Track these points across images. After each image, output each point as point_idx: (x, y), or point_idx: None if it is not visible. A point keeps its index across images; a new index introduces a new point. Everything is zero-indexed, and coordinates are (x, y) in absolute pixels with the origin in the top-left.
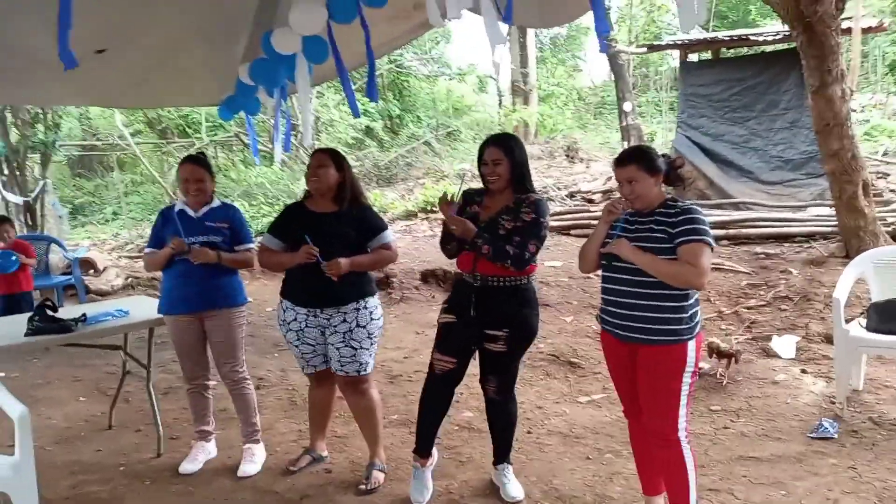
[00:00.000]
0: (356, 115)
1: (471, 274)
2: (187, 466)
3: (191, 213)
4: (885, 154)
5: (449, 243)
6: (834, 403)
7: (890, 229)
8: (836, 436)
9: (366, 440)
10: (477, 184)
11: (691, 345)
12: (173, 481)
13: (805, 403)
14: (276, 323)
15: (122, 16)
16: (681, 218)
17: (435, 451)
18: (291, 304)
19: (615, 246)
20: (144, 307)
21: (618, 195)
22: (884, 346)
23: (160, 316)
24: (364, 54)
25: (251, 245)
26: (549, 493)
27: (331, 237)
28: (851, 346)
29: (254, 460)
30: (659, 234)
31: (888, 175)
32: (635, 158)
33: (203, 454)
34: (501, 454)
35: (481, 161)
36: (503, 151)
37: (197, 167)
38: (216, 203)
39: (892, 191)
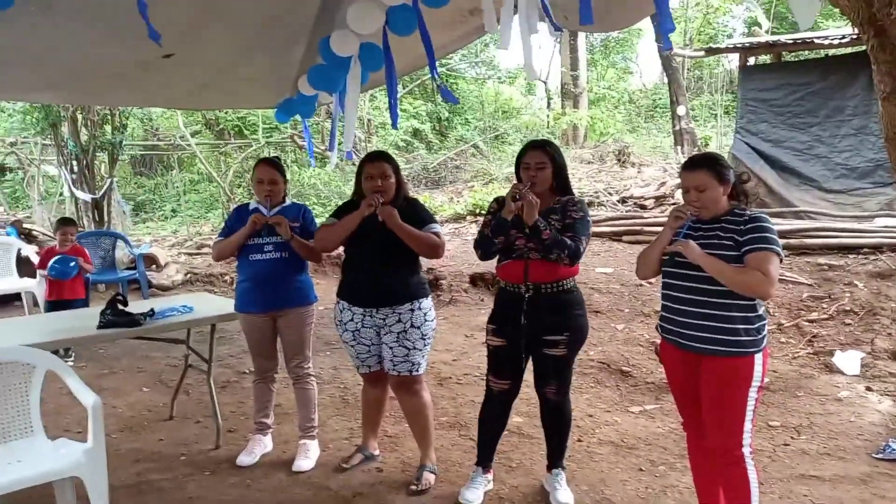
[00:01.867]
0: (394, 125)
1: (523, 284)
2: (245, 459)
3: (264, 210)
4: None
5: (489, 242)
6: None
7: None
8: None
9: (417, 441)
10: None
11: (758, 358)
12: (231, 473)
13: (870, 422)
14: (330, 322)
15: (188, 23)
16: (749, 226)
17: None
18: (348, 305)
19: (682, 245)
20: (206, 303)
21: (678, 201)
22: None
23: (223, 312)
24: (415, 60)
25: None
26: (600, 503)
27: (385, 227)
28: None
29: (308, 456)
30: (726, 242)
31: None
32: (707, 164)
33: (260, 447)
34: (556, 458)
35: (522, 165)
36: (546, 155)
37: (271, 168)
38: (287, 202)
39: None
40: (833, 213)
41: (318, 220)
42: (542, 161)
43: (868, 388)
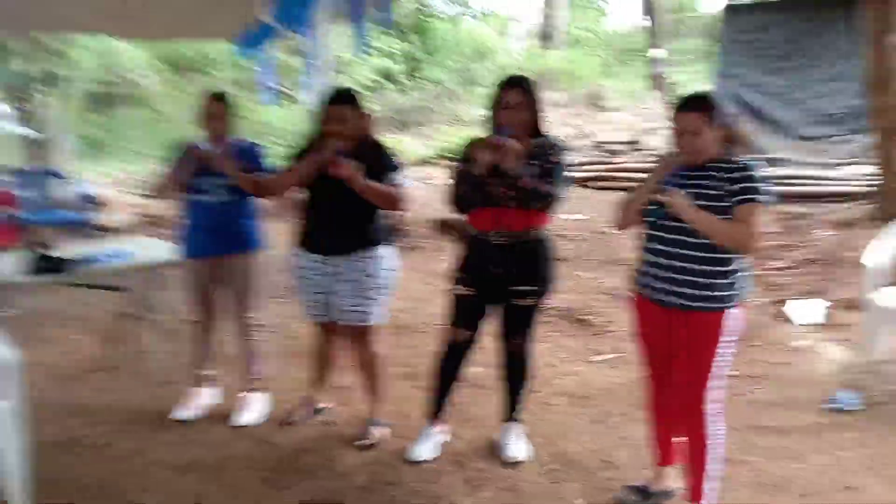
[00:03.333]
0: (361, 51)
1: (496, 232)
2: (182, 412)
3: (211, 150)
4: None
5: (467, 191)
6: (855, 374)
7: None
8: (856, 408)
9: (369, 394)
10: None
11: (735, 312)
12: (168, 427)
13: (824, 372)
14: (282, 268)
15: None
16: (740, 175)
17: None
18: (302, 251)
19: (672, 196)
20: (150, 248)
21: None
22: None
23: (164, 259)
24: None
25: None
26: (556, 457)
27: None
28: (878, 316)
29: (251, 409)
30: (714, 191)
31: None
32: (701, 106)
33: (199, 400)
34: (511, 411)
35: (498, 105)
36: (523, 94)
37: (216, 102)
38: (237, 140)
39: None
40: (803, 160)
41: (277, 163)
42: (519, 100)
43: (824, 339)
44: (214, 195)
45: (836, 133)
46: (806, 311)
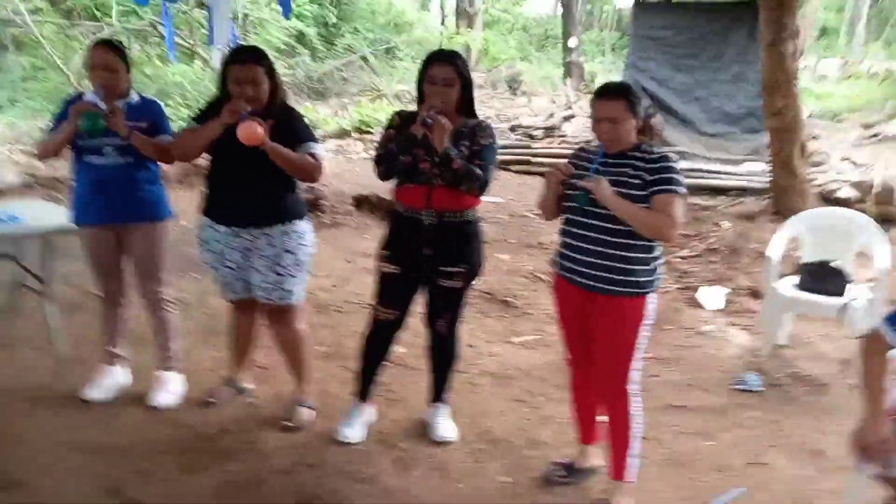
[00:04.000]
0: (287, 14)
1: (424, 210)
2: (93, 393)
3: (102, 105)
4: (810, 115)
5: (395, 159)
6: (758, 357)
7: (818, 190)
8: (759, 389)
9: (292, 375)
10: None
11: (651, 297)
12: (77, 408)
13: (730, 356)
14: (195, 240)
15: None
16: (658, 165)
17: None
18: (211, 222)
19: (595, 184)
20: (41, 213)
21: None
22: (811, 305)
23: (57, 225)
24: None
25: (171, 138)
26: (481, 436)
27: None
28: (780, 305)
29: (168, 389)
30: (634, 180)
31: (818, 137)
32: (623, 94)
33: (110, 379)
34: (438, 392)
35: (427, 79)
36: (455, 71)
37: (109, 53)
38: (134, 98)
39: (822, 152)
40: (706, 155)
41: (182, 124)
42: (450, 77)
43: (729, 323)
44: (107, 156)
45: (735, 131)
46: (713, 297)
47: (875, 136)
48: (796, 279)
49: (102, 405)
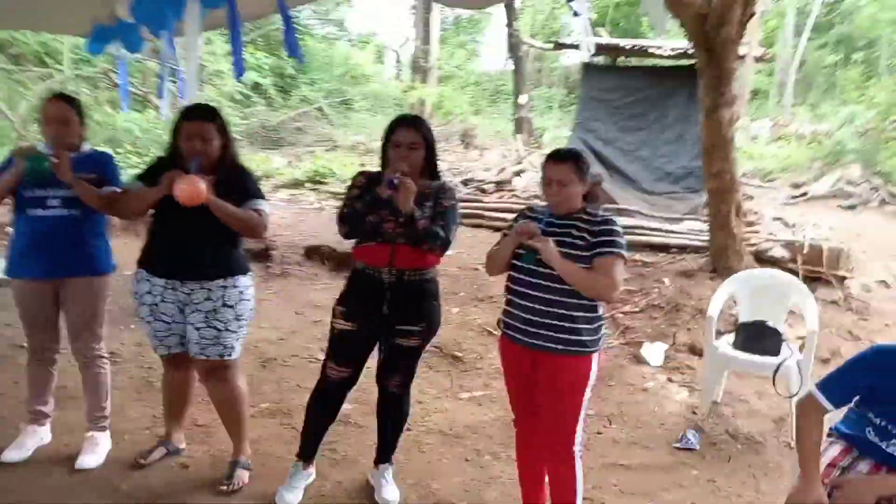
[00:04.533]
0: (238, 75)
1: (386, 268)
2: (13, 454)
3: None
4: (744, 175)
5: (361, 219)
6: (696, 414)
7: (752, 249)
8: (698, 447)
9: (229, 434)
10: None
11: (595, 357)
12: None
13: (670, 412)
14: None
15: None
16: (601, 228)
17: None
18: (147, 274)
19: (543, 244)
20: None
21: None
22: (749, 365)
23: None
24: (257, 7)
25: (119, 191)
26: (426, 498)
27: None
28: (719, 363)
29: (96, 451)
30: (578, 241)
31: (752, 197)
32: (573, 159)
33: (34, 440)
34: (385, 453)
35: (392, 143)
36: (419, 135)
37: (62, 104)
38: (86, 149)
39: (755, 212)
40: (649, 213)
41: (131, 172)
42: (415, 141)
43: (669, 379)
44: (52, 209)
45: (676, 190)
46: (654, 353)
47: (803, 195)
48: (733, 337)
49: (25, 466)
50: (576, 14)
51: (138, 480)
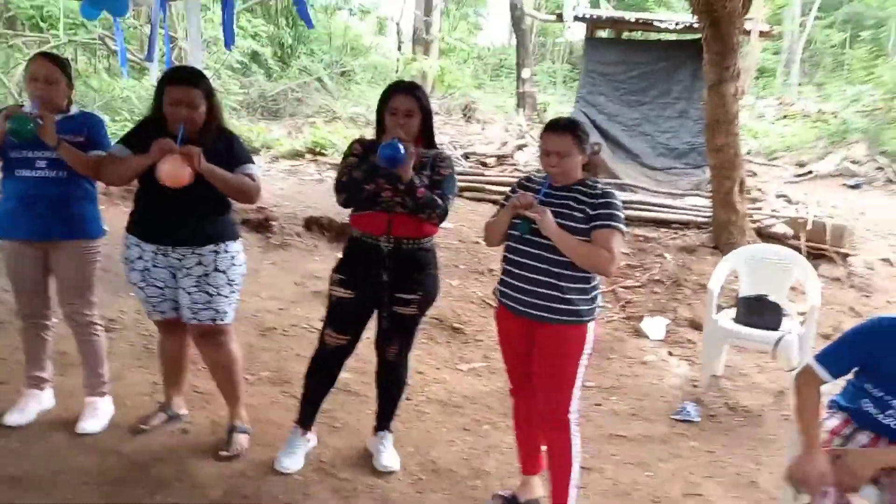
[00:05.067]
0: (228, 45)
1: (384, 237)
2: (15, 417)
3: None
4: (748, 153)
5: (359, 187)
6: (696, 387)
7: (755, 226)
8: (697, 419)
9: (225, 399)
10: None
11: (591, 326)
12: None
13: (670, 385)
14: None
15: None
16: (601, 201)
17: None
18: (138, 240)
19: (540, 213)
20: None
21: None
22: (748, 338)
23: None
24: None
25: (104, 153)
26: (425, 466)
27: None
28: (719, 336)
29: (97, 415)
30: (577, 213)
31: (756, 174)
32: (573, 129)
33: (35, 404)
34: (384, 420)
35: (389, 110)
36: (415, 102)
37: (48, 63)
38: (74, 111)
39: (759, 189)
40: (651, 189)
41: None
42: (411, 108)
43: (670, 353)
44: (39, 170)
45: (679, 166)
46: (655, 327)
47: (808, 173)
48: (734, 312)
49: (24, 431)
50: None
51: (139, 445)
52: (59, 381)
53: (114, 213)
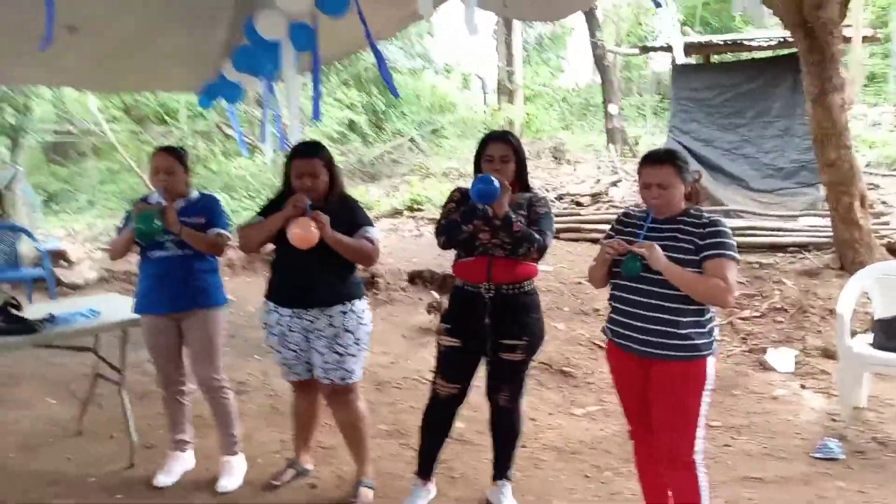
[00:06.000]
0: (316, 117)
1: (485, 283)
2: (163, 479)
3: (163, 202)
4: (867, 165)
5: (457, 228)
6: (836, 421)
7: (884, 242)
8: (841, 456)
9: (352, 455)
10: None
11: (710, 360)
12: (148, 495)
13: (806, 421)
14: (259, 325)
15: None
16: (709, 230)
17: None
18: (275, 306)
19: (648, 249)
20: (117, 306)
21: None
22: (891, 364)
23: (134, 317)
24: (345, 45)
25: (223, 232)
26: None
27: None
28: (856, 364)
29: (233, 473)
30: (685, 245)
31: (879, 187)
32: (672, 160)
33: (180, 466)
34: (502, 469)
35: (484, 158)
36: (510, 148)
37: (167, 156)
38: (194, 195)
39: (883, 202)
40: (759, 212)
41: (246, 214)
42: (506, 154)
43: (802, 386)
44: (168, 250)
45: (788, 186)
46: (782, 359)
47: None
48: (870, 336)
49: (172, 490)
50: (658, 5)
51: (272, 499)
52: (199, 443)
53: (238, 283)
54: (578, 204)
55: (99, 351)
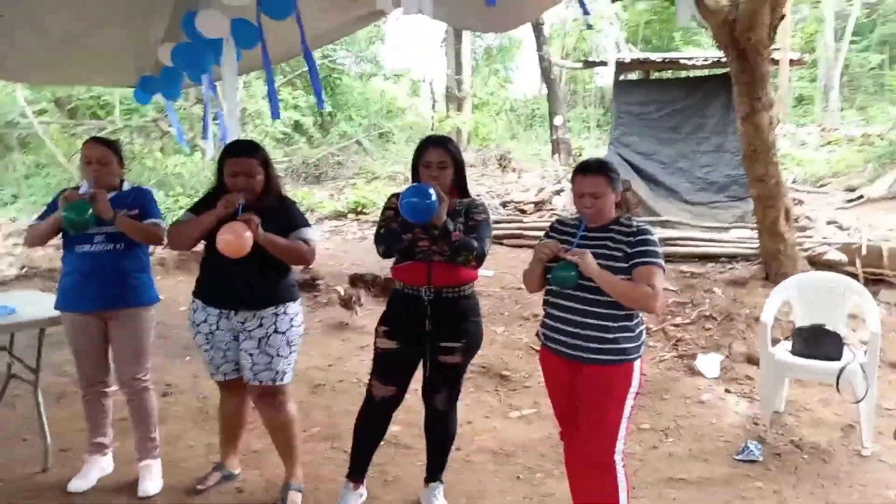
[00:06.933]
0: (275, 116)
1: (425, 286)
2: (78, 483)
3: (86, 193)
4: (794, 181)
5: (397, 237)
6: (757, 425)
7: (806, 254)
8: (760, 458)
9: (281, 458)
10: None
11: (636, 365)
12: (62, 500)
13: (730, 424)
14: (188, 324)
15: None
16: (638, 238)
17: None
18: (203, 304)
19: (580, 256)
20: (35, 303)
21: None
22: (809, 370)
23: (53, 314)
24: (293, 47)
25: (159, 221)
26: None
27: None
28: (777, 370)
29: (153, 477)
30: (616, 252)
31: (803, 202)
32: (603, 170)
33: (97, 470)
34: (435, 471)
35: (422, 163)
36: (448, 154)
37: (100, 146)
38: (126, 188)
39: (807, 217)
40: (693, 224)
41: (182, 212)
42: (443, 160)
43: (727, 391)
44: (97, 244)
45: (720, 199)
46: (710, 364)
47: (859, 198)
48: (790, 344)
49: (89, 495)
50: (589, 26)
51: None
52: (119, 446)
53: (170, 282)
54: (522, 211)
55: (14, 350)
